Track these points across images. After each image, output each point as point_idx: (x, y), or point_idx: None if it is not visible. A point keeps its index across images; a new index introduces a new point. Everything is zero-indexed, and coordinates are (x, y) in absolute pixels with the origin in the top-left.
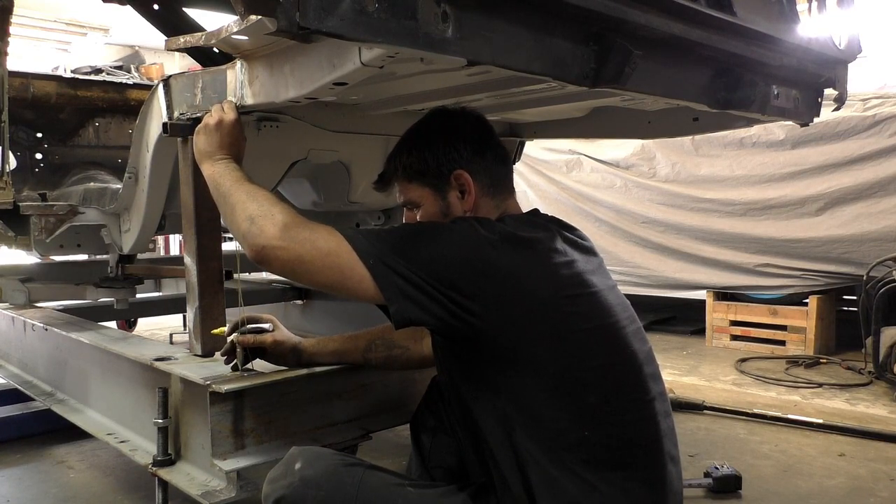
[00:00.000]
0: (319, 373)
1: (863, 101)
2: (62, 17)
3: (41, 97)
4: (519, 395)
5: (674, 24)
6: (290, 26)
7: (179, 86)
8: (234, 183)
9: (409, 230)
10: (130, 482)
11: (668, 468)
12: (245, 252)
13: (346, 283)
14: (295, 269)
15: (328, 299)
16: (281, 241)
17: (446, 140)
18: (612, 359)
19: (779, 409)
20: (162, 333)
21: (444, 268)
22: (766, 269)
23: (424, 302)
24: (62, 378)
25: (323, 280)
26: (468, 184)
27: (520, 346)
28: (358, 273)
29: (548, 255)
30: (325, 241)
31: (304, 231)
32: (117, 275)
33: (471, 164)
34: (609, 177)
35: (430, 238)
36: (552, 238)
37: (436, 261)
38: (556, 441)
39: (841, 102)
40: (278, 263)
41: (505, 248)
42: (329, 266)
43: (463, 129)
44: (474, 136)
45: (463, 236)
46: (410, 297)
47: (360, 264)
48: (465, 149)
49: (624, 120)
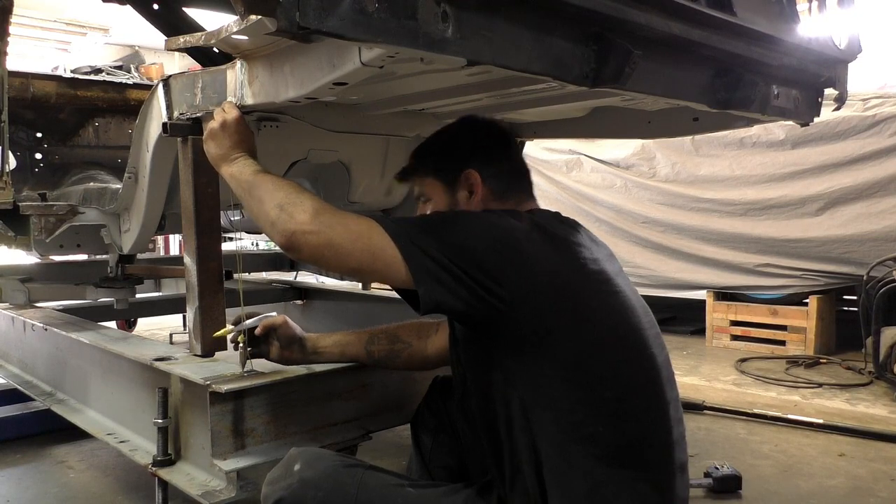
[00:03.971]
0: (319, 373)
1: (863, 101)
2: (62, 17)
3: (41, 97)
4: (537, 385)
5: (674, 24)
6: (290, 26)
7: (179, 86)
8: (255, 176)
9: (440, 216)
10: (130, 482)
11: (677, 476)
12: (275, 240)
13: (377, 265)
14: (325, 253)
15: (328, 300)
16: (312, 225)
17: (465, 141)
18: (630, 356)
19: (779, 409)
20: (162, 333)
21: (474, 252)
22: (766, 269)
23: (453, 285)
24: (62, 378)
25: (354, 264)
26: (476, 184)
27: (541, 333)
28: (389, 254)
29: (576, 250)
30: (356, 225)
31: (335, 216)
32: (117, 275)
33: (483, 168)
34: (609, 177)
35: (462, 223)
36: (580, 235)
37: (466, 245)
38: (570, 433)
39: (841, 102)
40: (308, 249)
41: (535, 236)
42: (360, 249)
43: (484, 134)
44: (493, 143)
45: (493, 223)
46: (440, 280)
47: (391, 246)
48: (481, 152)
49: (624, 120)
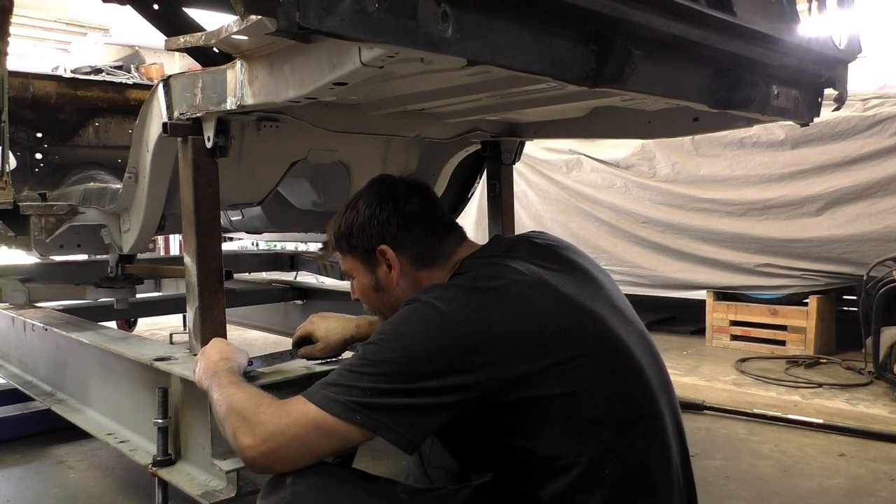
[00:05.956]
0: (319, 373)
1: (863, 101)
2: (62, 17)
3: (41, 97)
4: (537, 452)
5: (674, 24)
6: (290, 26)
7: (179, 86)
8: (221, 390)
9: (369, 356)
10: (130, 482)
11: (684, 485)
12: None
13: (336, 443)
14: (279, 467)
15: (328, 300)
16: (259, 448)
17: (372, 215)
18: (619, 381)
19: (779, 409)
20: (162, 333)
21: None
22: (766, 269)
23: (423, 417)
24: (62, 378)
25: (318, 455)
26: (392, 259)
27: (527, 397)
28: (341, 429)
29: (519, 296)
30: (294, 423)
31: (277, 427)
32: (117, 275)
33: (394, 241)
34: (609, 177)
35: (395, 350)
36: (519, 273)
37: (413, 370)
38: (579, 486)
39: (841, 102)
40: (262, 469)
41: (473, 312)
42: (314, 443)
43: (391, 201)
44: (396, 211)
45: (427, 329)
46: (404, 423)
47: (339, 424)
48: (391, 223)
49: (624, 120)
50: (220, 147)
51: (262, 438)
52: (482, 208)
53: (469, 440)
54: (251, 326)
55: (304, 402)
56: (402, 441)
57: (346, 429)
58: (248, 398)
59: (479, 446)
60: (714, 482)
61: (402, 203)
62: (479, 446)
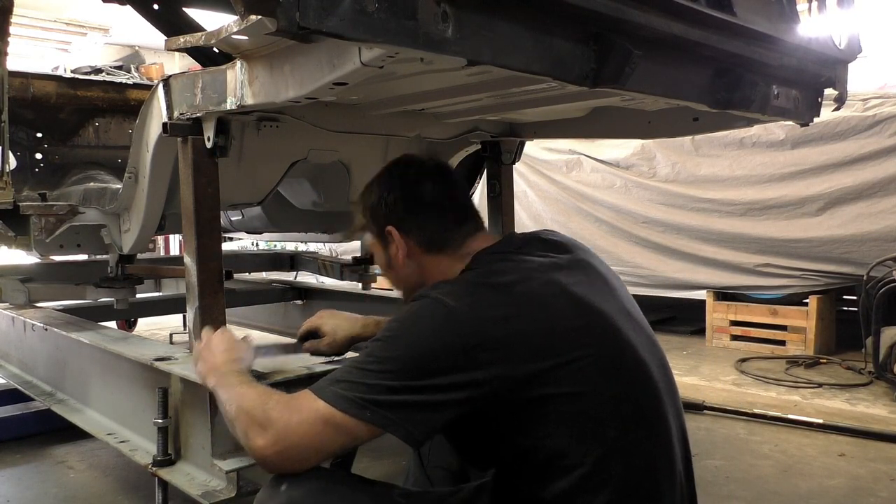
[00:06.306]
0: (320, 373)
1: (863, 101)
2: (62, 17)
3: (41, 97)
4: (542, 451)
5: (674, 24)
6: (290, 26)
7: (179, 86)
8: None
9: (377, 352)
10: (130, 482)
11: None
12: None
13: (346, 440)
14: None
15: (328, 300)
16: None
17: (380, 197)
18: (626, 382)
19: (779, 409)
20: (162, 333)
21: (431, 365)
22: (766, 269)
23: (431, 414)
24: (62, 378)
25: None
26: (398, 240)
27: (534, 395)
28: (351, 425)
29: (530, 294)
30: (305, 422)
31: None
32: (117, 275)
33: (401, 223)
34: (609, 177)
35: (403, 346)
36: (529, 271)
37: (420, 367)
38: (583, 486)
39: (841, 102)
40: (275, 469)
41: (481, 309)
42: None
43: (399, 185)
44: (410, 193)
45: (434, 325)
46: (412, 420)
47: (348, 420)
48: (398, 206)
49: (624, 120)
50: (220, 147)
51: (274, 438)
52: (482, 208)
53: (474, 437)
54: (251, 326)
55: (313, 399)
56: (410, 438)
57: (355, 425)
58: (257, 397)
59: (484, 444)
60: (714, 482)
61: (411, 187)
62: (484, 444)
